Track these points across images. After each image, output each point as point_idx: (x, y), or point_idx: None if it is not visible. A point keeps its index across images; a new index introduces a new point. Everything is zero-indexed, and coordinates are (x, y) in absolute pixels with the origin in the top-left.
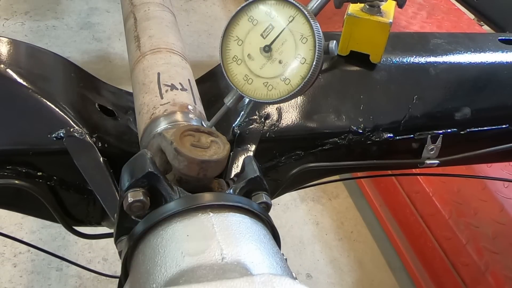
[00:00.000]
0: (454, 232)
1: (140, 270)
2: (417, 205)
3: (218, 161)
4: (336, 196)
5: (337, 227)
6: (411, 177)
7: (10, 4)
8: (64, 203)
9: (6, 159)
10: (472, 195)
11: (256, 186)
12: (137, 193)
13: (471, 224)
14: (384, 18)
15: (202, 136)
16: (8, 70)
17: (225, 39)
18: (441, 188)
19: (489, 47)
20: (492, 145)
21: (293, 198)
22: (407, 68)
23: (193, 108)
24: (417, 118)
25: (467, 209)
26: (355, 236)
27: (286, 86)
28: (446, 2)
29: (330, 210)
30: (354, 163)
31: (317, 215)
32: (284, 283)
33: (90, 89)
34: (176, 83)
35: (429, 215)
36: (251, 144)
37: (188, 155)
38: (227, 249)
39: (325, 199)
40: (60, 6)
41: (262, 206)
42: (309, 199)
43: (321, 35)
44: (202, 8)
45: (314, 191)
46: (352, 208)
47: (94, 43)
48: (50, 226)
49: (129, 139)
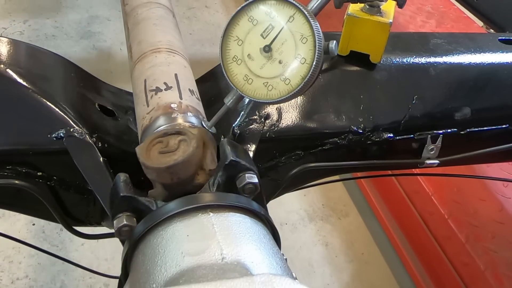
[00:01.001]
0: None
1: (140, 270)
2: (431, 228)
3: (185, 160)
4: (345, 214)
5: (347, 248)
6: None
7: (9, 12)
8: (64, 203)
9: (6, 159)
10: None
11: (235, 170)
12: (120, 219)
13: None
14: (384, 18)
15: (170, 139)
16: (8, 70)
17: (225, 39)
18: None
19: (489, 47)
20: (492, 145)
21: (301, 217)
22: (407, 68)
23: (177, 105)
24: (417, 118)
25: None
26: (366, 257)
27: (286, 86)
28: (455, 10)
29: (339, 230)
30: (354, 163)
31: (327, 236)
32: (284, 283)
33: (90, 89)
34: (161, 84)
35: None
36: (251, 144)
37: (153, 166)
38: (227, 249)
39: (334, 218)
40: (60, 15)
41: (249, 187)
42: (317, 218)
43: (321, 35)
44: (205, 16)
45: (322, 210)
46: (362, 227)
47: (94, 53)
48: (48, 249)
49: (129, 139)
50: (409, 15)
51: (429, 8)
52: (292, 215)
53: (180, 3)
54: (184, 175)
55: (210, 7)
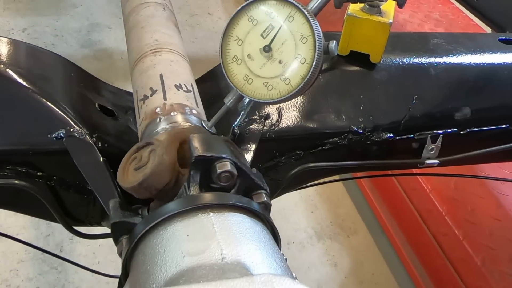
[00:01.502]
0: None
1: (140, 270)
2: (445, 249)
3: (153, 172)
4: (354, 232)
5: (357, 268)
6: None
7: (7, 20)
8: (64, 203)
9: (6, 159)
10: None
11: (206, 164)
12: (120, 245)
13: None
14: (384, 18)
15: (143, 152)
16: (8, 70)
17: (225, 39)
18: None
19: (489, 47)
20: (492, 145)
21: (309, 236)
22: (407, 68)
23: (161, 108)
24: (417, 118)
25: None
26: (377, 278)
27: (286, 86)
28: (464, 18)
29: (348, 248)
30: (354, 163)
31: (335, 255)
32: (284, 283)
33: (90, 89)
34: (147, 91)
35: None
36: (251, 144)
37: (127, 186)
38: (227, 249)
39: (343, 236)
40: (60, 23)
41: (224, 176)
42: (326, 237)
43: (321, 35)
44: (208, 23)
45: (331, 228)
46: (371, 245)
47: (95, 63)
48: (47, 272)
49: (129, 139)
50: (417, 23)
51: (437, 16)
52: (299, 234)
53: (182, 10)
54: (160, 185)
55: (212, 14)
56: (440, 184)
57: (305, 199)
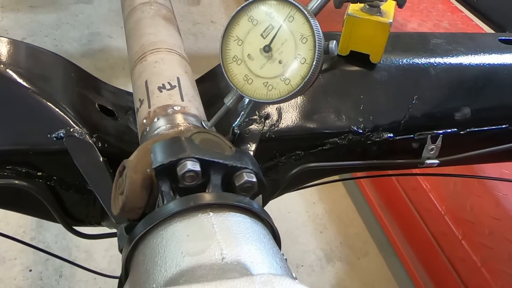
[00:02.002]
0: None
1: (140, 270)
2: (462, 276)
3: (128, 194)
4: (365, 254)
5: None
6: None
7: (5, 29)
8: (64, 203)
9: (6, 159)
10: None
11: (169, 170)
12: None
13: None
14: (384, 18)
15: (123, 176)
16: (8, 70)
17: (225, 39)
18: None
19: (489, 47)
20: (492, 145)
21: (319, 258)
22: (407, 68)
23: (146, 116)
24: (417, 118)
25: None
26: None
27: (286, 86)
28: (474, 27)
29: (359, 271)
30: (354, 163)
31: (346, 279)
32: (284, 283)
33: (90, 89)
34: (137, 103)
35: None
36: (251, 144)
37: (115, 216)
38: (227, 249)
39: (353, 258)
40: (59, 32)
41: (189, 175)
42: (336, 259)
43: (321, 35)
44: (211, 32)
45: (340, 249)
46: (383, 267)
47: (95, 73)
48: None
49: (129, 139)
50: None
51: (447, 25)
52: (308, 256)
53: (185, 18)
54: (141, 203)
55: (216, 22)
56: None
57: (313, 218)
